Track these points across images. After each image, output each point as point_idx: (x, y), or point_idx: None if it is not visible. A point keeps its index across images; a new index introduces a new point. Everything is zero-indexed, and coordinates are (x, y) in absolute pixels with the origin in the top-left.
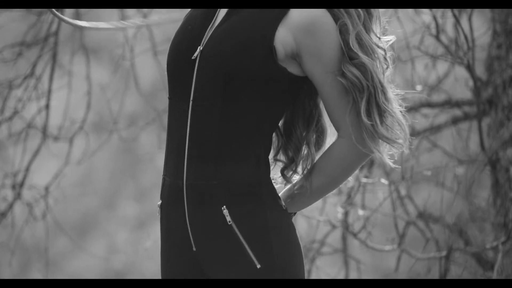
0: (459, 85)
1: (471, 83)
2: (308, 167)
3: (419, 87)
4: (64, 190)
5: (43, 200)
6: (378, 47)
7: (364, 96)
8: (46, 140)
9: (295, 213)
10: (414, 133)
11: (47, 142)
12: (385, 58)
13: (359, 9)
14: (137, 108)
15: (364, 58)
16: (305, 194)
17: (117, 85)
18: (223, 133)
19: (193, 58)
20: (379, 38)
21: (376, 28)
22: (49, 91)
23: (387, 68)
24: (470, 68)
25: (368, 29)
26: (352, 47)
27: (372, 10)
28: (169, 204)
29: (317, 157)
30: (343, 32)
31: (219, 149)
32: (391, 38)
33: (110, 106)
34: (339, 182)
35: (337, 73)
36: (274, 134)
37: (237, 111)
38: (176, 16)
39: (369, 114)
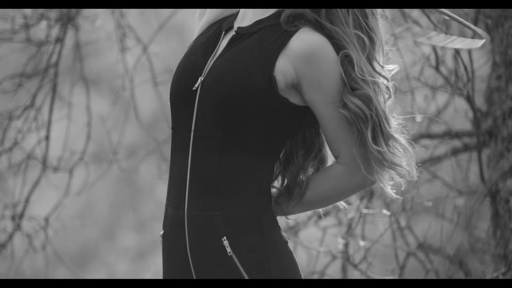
0: (459, 116)
1: (471, 114)
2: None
3: (419, 118)
4: (64, 221)
5: (42, 231)
6: (381, 76)
7: (369, 126)
8: (46, 171)
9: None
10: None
11: (47, 173)
12: (387, 88)
13: (363, 37)
14: (137, 138)
15: (366, 89)
16: (292, 202)
17: (117, 116)
18: (225, 163)
19: (194, 88)
20: (382, 67)
21: (379, 56)
22: (49, 122)
23: (389, 97)
24: (469, 99)
25: (371, 58)
26: (354, 78)
27: (375, 37)
28: (171, 234)
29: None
30: (345, 63)
31: (220, 180)
32: (394, 67)
33: (110, 137)
34: (329, 203)
35: (338, 104)
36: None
37: (239, 141)
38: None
39: (375, 143)
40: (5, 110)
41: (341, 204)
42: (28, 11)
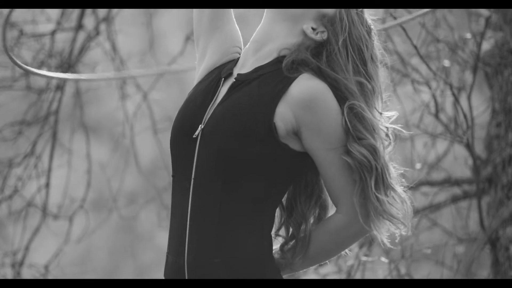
0: (459, 163)
1: (470, 161)
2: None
3: (418, 166)
4: (64, 269)
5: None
6: (380, 123)
7: (373, 176)
8: (46, 218)
9: None
10: (413, 211)
11: (47, 221)
12: (386, 135)
13: (364, 82)
14: (137, 186)
15: (371, 139)
16: (296, 257)
17: (117, 163)
18: (225, 211)
19: (194, 136)
20: (381, 114)
21: (377, 103)
22: (49, 170)
23: (388, 144)
24: (469, 147)
25: (370, 105)
26: (358, 128)
27: (374, 84)
28: None
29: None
30: (349, 113)
31: (220, 227)
32: (393, 114)
33: (110, 184)
34: (330, 255)
35: (340, 151)
36: (277, 209)
37: (239, 189)
38: (153, 71)
39: (377, 193)
40: (5, 158)
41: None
42: (28, 58)
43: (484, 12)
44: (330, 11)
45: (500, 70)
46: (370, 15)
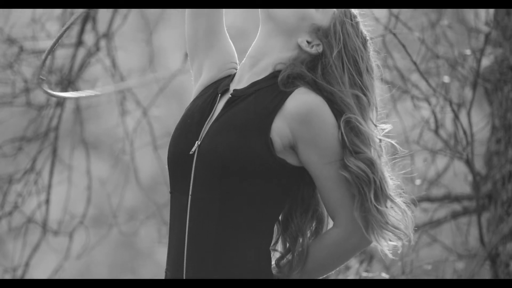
0: (458, 179)
1: (470, 177)
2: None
3: (418, 182)
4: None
5: None
6: (375, 134)
7: (372, 189)
8: (46, 234)
9: None
10: (414, 226)
11: (47, 237)
12: (380, 146)
13: (360, 95)
14: (137, 202)
15: (368, 152)
16: (293, 271)
17: (117, 179)
18: (222, 227)
19: (191, 152)
20: (376, 126)
21: (373, 115)
22: (49, 186)
23: (382, 154)
24: (469, 163)
25: (366, 117)
26: (355, 142)
27: (370, 96)
28: None
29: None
30: (346, 126)
31: (218, 243)
32: (387, 126)
33: (110, 200)
34: (328, 270)
35: (337, 165)
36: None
37: (236, 205)
38: (153, 78)
39: (377, 205)
40: (5, 174)
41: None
42: (28, 74)
43: (484, 28)
44: (324, 23)
45: (499, 86)
46: (365, 26)
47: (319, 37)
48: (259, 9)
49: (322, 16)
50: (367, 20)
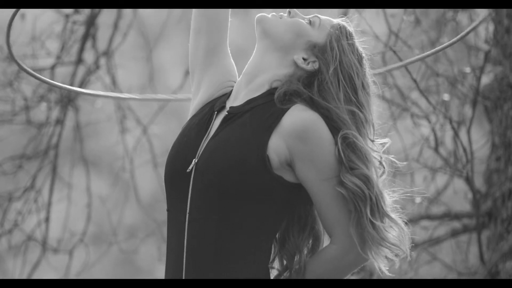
0: (458, 197)
1: (470, 195)
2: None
3: (418, 200)
4: None
5: None
6: (373, 150)
7: (367, 205)
8: (46, 252)
9: None
10: (413, 245)
11: (47, 255)
12: (380, 163)
13: (355, 111)
14: (137, 220)
15: (364, 168)
16: None
17: (117, 197)
18: (221, 245)
19: (188, 170)
20: (373, 141)
21: (369, 131)
22: (49, 204)
23: (383, 173)
24: (469, 181)
25: (362, 134)
26: (351, 158)
27: (366, 112)
28: None
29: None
30: (342, 143)
31: (217, 261)
32: (385, 141)
33: (110, 218)
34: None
35: (334, 182)
36: None
37: (234, 222)
38: (175, 97)
39: (373, 222)
40: (5, 192)
41: None
42: (28, 92)
43: (484, 46)
44: (320, 40)
45: (499, 104)
46: (361, 43)
47: (315, 54)
48: (255, 26)
49: (318, 33)
50: (367, 38)
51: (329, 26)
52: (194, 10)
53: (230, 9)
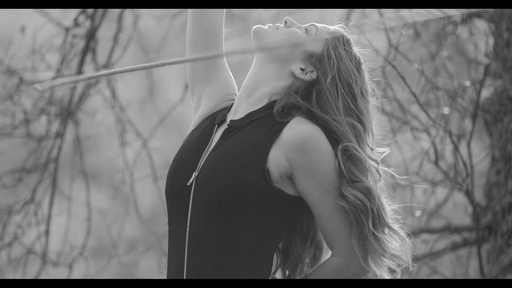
0: (458, 211)
1: (470, 209)
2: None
3: (418, 213)
4: None
5: None
6: (371, 159)
7: (369, 218)
8: (46, 266)
9: None
10: (413, 258)
11: (47, 268)
12: (377, 170)
13: (355, 123)
14: (137, 233)
15: (365, 181)
16: None
17: (117, 210)
18: (222, 259)
19: (188, 184)
20: (372, 149)
21: (369, 138)
22: (49, 217)
23: (379, 179)
24: (469, 194)
25: (362, 143)
26: (352, 171)
27: (365, 120)
28: None
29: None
30: (343, 155)
31: (217, 275)
32: (384, 150)
33: (110, 231)
34: None
35: (334, 194)
36: None
37: (235, 236)
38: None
39: (375, 234)
40: (5, 205)
41: None
42: (28, 105)
43: (483, 59)
44: (317, 49)
45: (499, 117)
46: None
47: (313, 63)
48: (252, 38)
49: (314, 42)
50: (366, 51)
51: (325, 34)
52: (188, 23)
53: (223, 21)
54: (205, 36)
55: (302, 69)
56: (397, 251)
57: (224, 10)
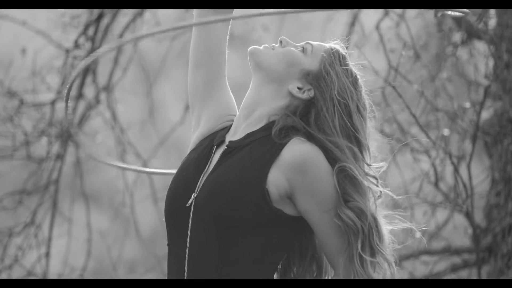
0: (458, 232)
1: (470, 230)
2: None
3: (418, 235)
4: None
5: None
6: (369, 175)
7: (359, 239)
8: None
9: None
10: (412, 279)
11: None
12: (377, 186)
13: (352, 146)
14: (137, 254)
15: (359, 201)
16: None
17: (117, 232)
18: (221, 279)
19: (187, 205)
20: (369, 166)
21: (366, 156)
22: (49, 239)
23: (379, 197)
24: (469, 216)
25: (358, 160)
26: (347, 190)
27: (361, 137)
28: None
29: None
30: (340, 175)
31: None
32: (382, 165)
33: (110, 253)
34: None
35: (333, 214)
36: None
37: (234, 257)
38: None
39: (361, 257)
40: (5, 227)
41: None
42: (28, 127)
43: (483, 81)
44: (314, 67)
45: (499, 139)
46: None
47: (310, 81)
48: (248, 59)
49: (311, 60)
50: (366, 73)
51: (321, 52)
52: (192, 43)
53: (227, 42)
54: (209, 57)
55: (299, 88)
56: (378, 277)
57: (229, 29)
